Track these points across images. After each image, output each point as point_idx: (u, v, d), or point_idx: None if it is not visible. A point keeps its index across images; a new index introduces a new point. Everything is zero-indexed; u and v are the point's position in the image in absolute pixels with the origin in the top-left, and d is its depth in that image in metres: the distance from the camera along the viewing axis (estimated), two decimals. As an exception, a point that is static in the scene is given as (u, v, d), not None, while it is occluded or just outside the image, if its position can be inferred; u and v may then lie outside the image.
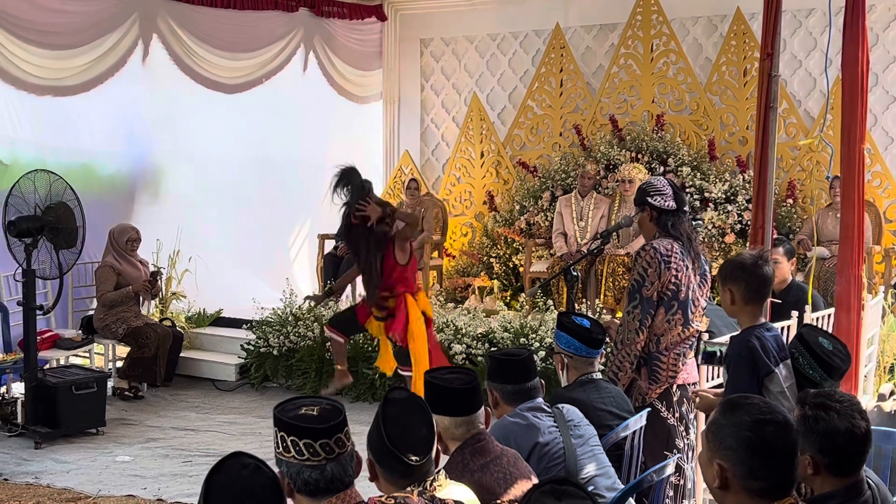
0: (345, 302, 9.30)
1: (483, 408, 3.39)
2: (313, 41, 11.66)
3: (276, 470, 2.42)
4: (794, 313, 5.89)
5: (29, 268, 7.23)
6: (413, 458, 2.78)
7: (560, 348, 4.38)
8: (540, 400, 3.89)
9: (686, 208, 4.86)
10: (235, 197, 10.76)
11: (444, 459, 3.34)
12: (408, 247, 6.74)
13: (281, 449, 2.55)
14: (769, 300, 5.09)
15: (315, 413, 2.55)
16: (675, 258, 4.64)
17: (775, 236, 6.01)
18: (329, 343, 7.60)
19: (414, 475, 2.79)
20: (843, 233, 5.48)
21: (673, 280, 4.62)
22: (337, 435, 2.53)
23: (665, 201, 4.72)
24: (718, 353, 4.28)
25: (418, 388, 6.49)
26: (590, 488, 3.68)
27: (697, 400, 4.22)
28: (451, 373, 3.44)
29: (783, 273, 6.81)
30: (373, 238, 6.55)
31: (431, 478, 2.82)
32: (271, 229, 11.15)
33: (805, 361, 3.84)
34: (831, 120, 8.88)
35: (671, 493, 4.55)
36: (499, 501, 3.10)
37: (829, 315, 6.06)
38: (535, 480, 3.28)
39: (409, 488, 2.73)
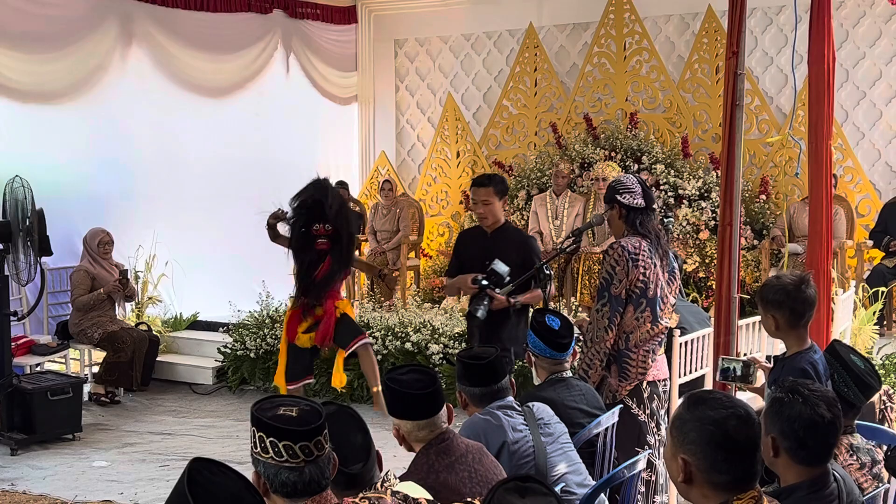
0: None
1: (445, 405, 3.40)
2: (292, 43, 11.71)
3: (236, 468, 2.39)
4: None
5: (2, 274, 7.20)
6: (354, 467, 2.80)
7: (528, 347, 4.41)
8: (510, 398, 3.91)
9: (655, 206, 4.88)
10: (212, 200, 10.73)
11: (409, 457, 3.36)
12: None
13: (259, 449, 2.53)
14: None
15: (294, 414, 2.54)
16: (643, 256, 4.67)
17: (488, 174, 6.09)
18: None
19: (358, 484, 2.80)
20: (812, 228, 5.53)
21: (641, 278, 4.65)
22: (316, 437, 2.52)
23: (634, 199, 4.75)
24: (733, 369, 4.23)
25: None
26: (561, 486, 3.72)
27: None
28: (410, 372, 3.42)
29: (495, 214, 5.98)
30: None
31: (381, 481, 2.82)
32: (247, 232, 11.12)
33: (840, 379, 3.81)
34: (802, 116, 8.95)
35: (643, 489, 4.59)
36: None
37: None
38: (500, 475, 3.29)
39: (360, 495, 2.73)
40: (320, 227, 6.39)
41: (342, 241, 6.48)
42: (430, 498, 2.86)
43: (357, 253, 7.02)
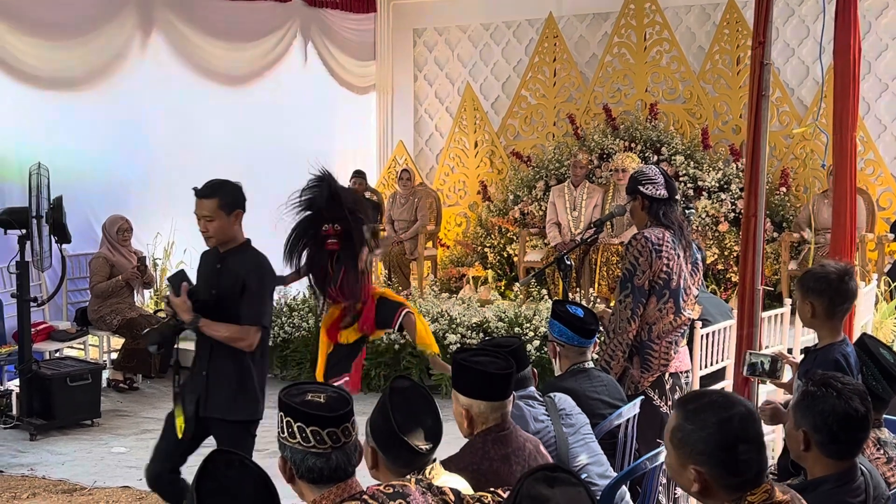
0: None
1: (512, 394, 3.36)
2: (311, 32, 11.71)
3: (258, 463, 2.40)
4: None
5: (23, 260, 7.23)
6: (423, 446, 2.80)
7: (553, 336, 4.38)
8: (532, 388, 3.89)
9: (677, 197, 4.86)
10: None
11: (461, 441, 3.31)
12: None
13: (286, 434, 2.52)
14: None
15: (322, 400, 2.53)
16: (667, 247, 4.64)
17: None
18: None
19: (416, 463, 2.80)
20: (836, 220, 5.50)
21: (664, 269, 4.63)
22: (344, 424, 2.52)
23: (656, 190, 4.72)
24: (761, 364, 4.20)
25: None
26: (582, 477, 3.70)
27: (769, 413, 3.89)
28: (480, 354, 3.37)
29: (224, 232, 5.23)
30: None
31: (430, 466, 2.82)
32: (266, 219, 11.14)
33: (869, 372, 3.77)
34: (825, 108, 8.88)
35: (664, 481, 4.57)
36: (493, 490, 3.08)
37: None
38: None
39: (407, 476, 2.74)
40: (329, 227, 6.08)
41: (353, 237, 6.14)
42: (461, 489, 2.84)
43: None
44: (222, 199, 4.61)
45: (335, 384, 6.41)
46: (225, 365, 4.50)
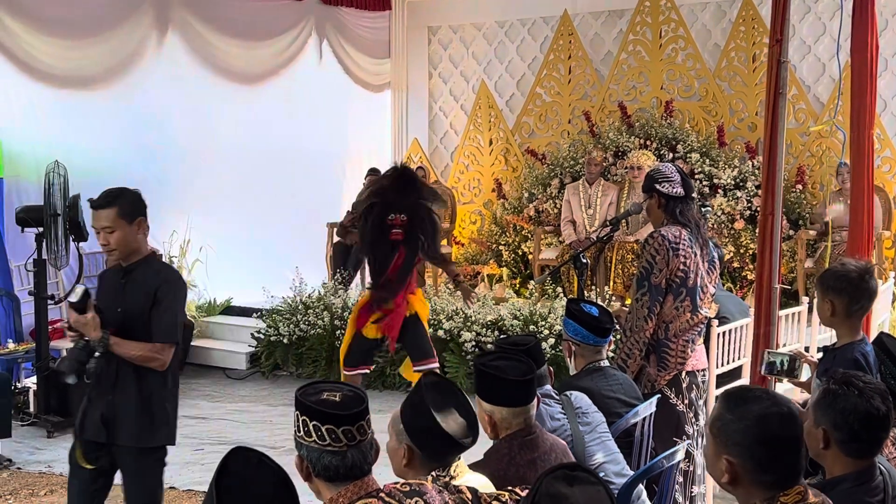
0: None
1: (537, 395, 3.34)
2: (326, 30, 11.73)
3: (277, 461, 2.41)
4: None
5: (40, 258, 7.26)
6: (465, 440, 2.83)
7: (568, 335, 4.38)
8: (548, 387, 3.89)
9: (694, 195, 4.84)
10: (245, 186, 10.78)
11: (488, 444, 3.30)
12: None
13: (302, 433, 2.53)
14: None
15: (338, 399, 2.54)
16: (684, 245, 4.63)
17: None
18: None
19: (453, 457, 2.84)
20: (853, 218, 5.48)
21: (681, 267, 4.62)
22: (359, 422, 2.53)
23: (673, 188, 4.71)
24: (780, 363, 4.18)
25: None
26: (599, 475, 3.70)
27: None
28: (501, 358, 3.35)
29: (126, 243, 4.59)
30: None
31: (455, 464, 2.83)
32: (280, 218, 11.18)
33: (888, 370, 3.76)
34: (841, 105, 8.85)
35: (680, 479, 4.57)
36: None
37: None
38: None
39: (432, 474, 2.76)
40: (395, 216, 6.12)
41: (418, 233, 6.19)
42: (477, 488, 2.84)
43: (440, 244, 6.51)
44: (122, 207, 4.14)
45: (352, 373, 6.44)
46: (131, 387, 4.15)
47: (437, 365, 6.48)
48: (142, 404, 4.15)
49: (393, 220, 6.12)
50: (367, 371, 6.70)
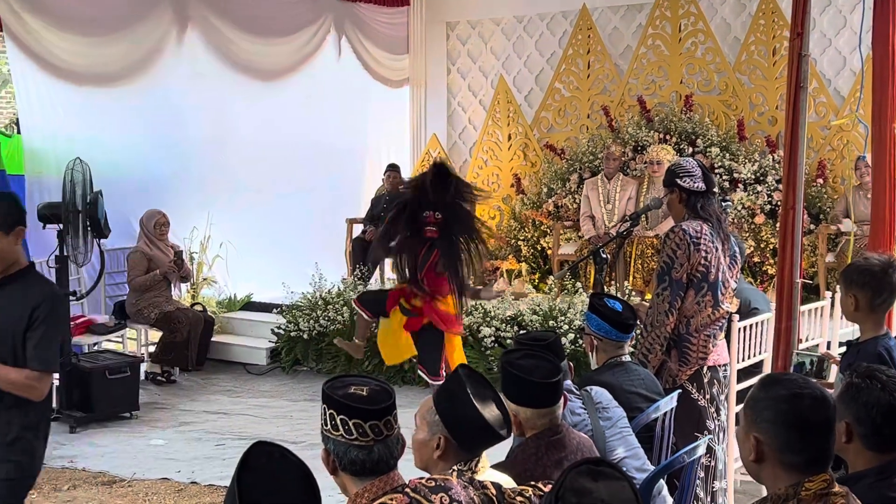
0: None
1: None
2: (344, 26, 11.75)
3: (299, 455, 2.41)
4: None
5: (62, 254, 7.31)
6: (503, 431, 2.84)
7: (590, 330, 4.37)
8: (569, 382, 3.89)
9: (715, 189, 4.82)
10: (265, 182, 10.81)
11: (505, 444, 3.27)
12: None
13: (329, 427, 2.53)
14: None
15: (365, 393, 2.54)
16: (705, 240, 4.62)
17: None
18: (356, 316, 7.05)
19: (486, 448, 2.85)
20: (874, 212, 5.45)
21: (702, 262, 4.60)
22: (386, 417, 2.53)
23: (694, 183, 4.69)
24: (809, 363, 4.17)
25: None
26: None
27: None
28: (527, 357, 3.33)
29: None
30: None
31: (477, 459, 2.85)
32: (299, 213, 11.22)
33: None
34: (863, 98, 8.79)
35: (702, 474, 4.56)
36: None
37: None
38: None
39: (454, 469, 2.76)
40: (430, 213, 6.00)
41: (452, 235, 6.06)
42: (502, 484, 2.84)
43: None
44: None
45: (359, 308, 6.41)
46: None
47: (427, 378, 6.34)
48: (4, 431, 3.67)
49: (428, 218, 6.06)
50: (368, 318, 6.59)
